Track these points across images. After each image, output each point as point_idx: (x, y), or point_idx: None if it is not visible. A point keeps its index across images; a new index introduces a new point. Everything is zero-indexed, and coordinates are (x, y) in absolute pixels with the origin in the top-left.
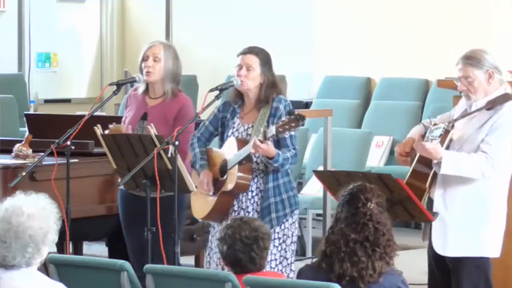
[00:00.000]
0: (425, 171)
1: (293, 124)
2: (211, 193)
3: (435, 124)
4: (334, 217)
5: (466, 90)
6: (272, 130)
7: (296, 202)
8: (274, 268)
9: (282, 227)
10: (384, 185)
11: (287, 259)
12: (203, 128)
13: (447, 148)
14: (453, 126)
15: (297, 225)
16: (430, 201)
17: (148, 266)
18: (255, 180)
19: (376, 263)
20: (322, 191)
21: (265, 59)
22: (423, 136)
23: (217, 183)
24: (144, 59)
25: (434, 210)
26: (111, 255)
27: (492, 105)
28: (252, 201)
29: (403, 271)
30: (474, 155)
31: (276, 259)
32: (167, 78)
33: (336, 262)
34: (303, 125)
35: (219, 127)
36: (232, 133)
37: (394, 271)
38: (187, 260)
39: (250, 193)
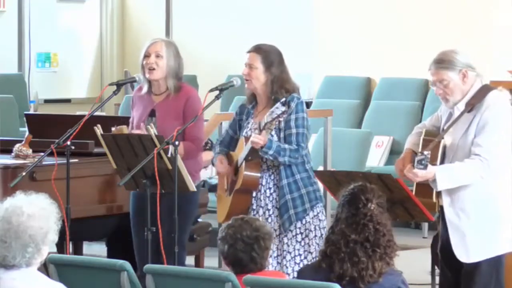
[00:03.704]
0: (429, 185)
1: (279, 111)
2: (227, 184)
3: (420, 153)
4: (334, 217)
5: (443, 93)
6: (264, 119)
7: (317, 197)
8: (299, 264)
9: (303, 221)
10: (384, 185)
11: (311, 253)
12: (224, 133)
13: (443, 155)
14: (442, 138)
15: (321, 218)
16: (442, 209)
17: (148, 266)
18: (272, 177)
19: (376, 263)
20: (322, 191)
21: (270, 56)
22: (412, 164)
23: (232, 184)
24: (146, 55)
25: (447, 221)
26: (109, 255)
27: (472, 105)
28: (271, 198)
29: (403, 271)
30: (468, 161)
31: (300, 255)
32: (169, 75)
33: (336, 262)
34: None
35: (237, 131)
36: (246, 132)
37: (394, 271)
38: (187, 260)
39: (268, 191)
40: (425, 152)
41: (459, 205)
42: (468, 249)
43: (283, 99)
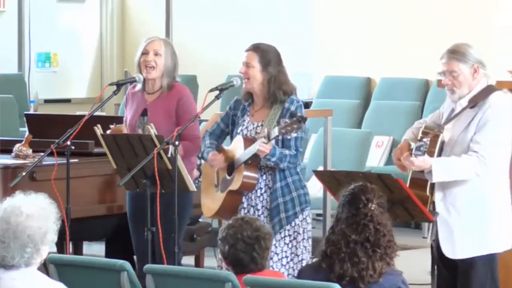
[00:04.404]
0: (423, 177)
1: (295, 126)
2: (219, 181)
3: (419, 140)
4: (335, 217)
5: (451, 84)
6: (275, 131)
7: (306, 200)
8: (285, 265)
9: (293, 224)
10: (384, 185)
11: (298, 256)
12: (215, 125)
13: (440, 150)
14: (442, 129)
15: (308, 221)
16: (434, 205)
17: (148, 266)
18: (264, 177)
19: (376, 263)
20: (322, 191)
21: (267, 55)
22: (410, 153)
23: (225, 182)
24: (144, 53)
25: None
26: (108, 255)
27: (474, 102)
28: (261, 198)
29: (403, 271)
30: (465, 157)
31: (287, 256)
32: (165, 74)
33: (336, 262)
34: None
35: (229, 125)
36: (241, 130)
37: (394, 271)
38: (187, 260)
39: (259, 191)
40: (425, 139)
41: (450, 200)
42: (455, 245)
43: (300, 115)
